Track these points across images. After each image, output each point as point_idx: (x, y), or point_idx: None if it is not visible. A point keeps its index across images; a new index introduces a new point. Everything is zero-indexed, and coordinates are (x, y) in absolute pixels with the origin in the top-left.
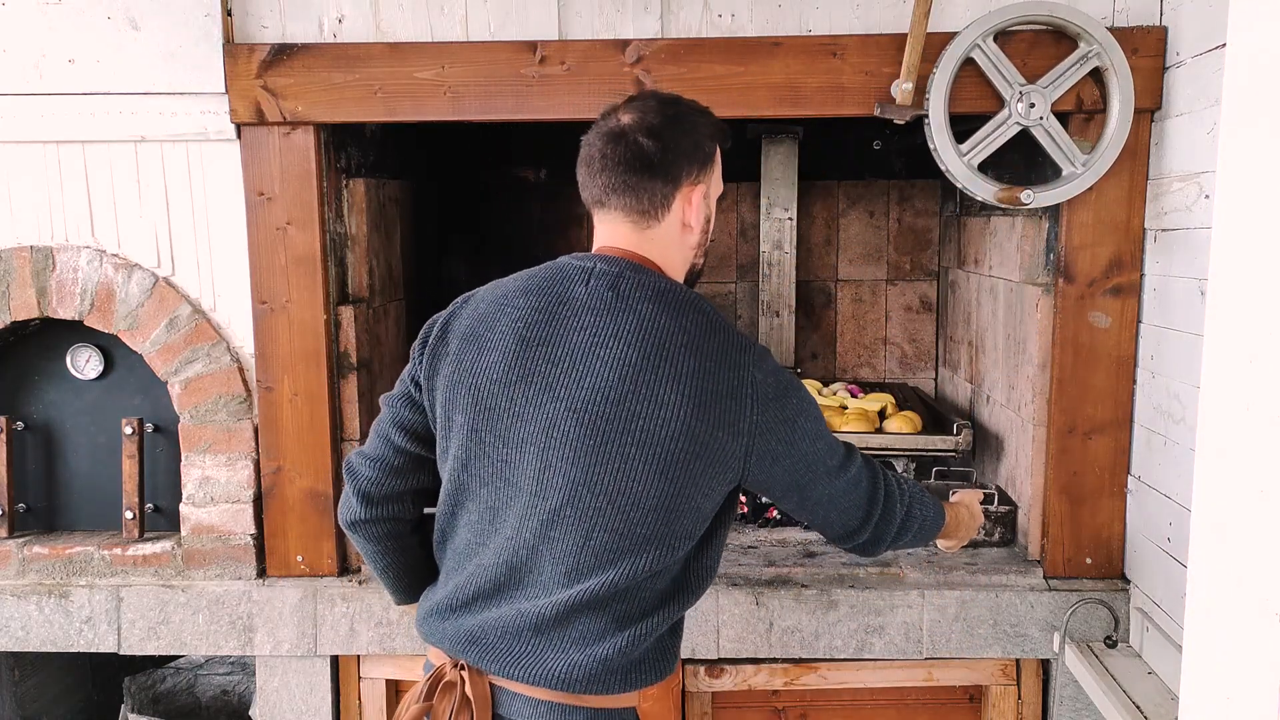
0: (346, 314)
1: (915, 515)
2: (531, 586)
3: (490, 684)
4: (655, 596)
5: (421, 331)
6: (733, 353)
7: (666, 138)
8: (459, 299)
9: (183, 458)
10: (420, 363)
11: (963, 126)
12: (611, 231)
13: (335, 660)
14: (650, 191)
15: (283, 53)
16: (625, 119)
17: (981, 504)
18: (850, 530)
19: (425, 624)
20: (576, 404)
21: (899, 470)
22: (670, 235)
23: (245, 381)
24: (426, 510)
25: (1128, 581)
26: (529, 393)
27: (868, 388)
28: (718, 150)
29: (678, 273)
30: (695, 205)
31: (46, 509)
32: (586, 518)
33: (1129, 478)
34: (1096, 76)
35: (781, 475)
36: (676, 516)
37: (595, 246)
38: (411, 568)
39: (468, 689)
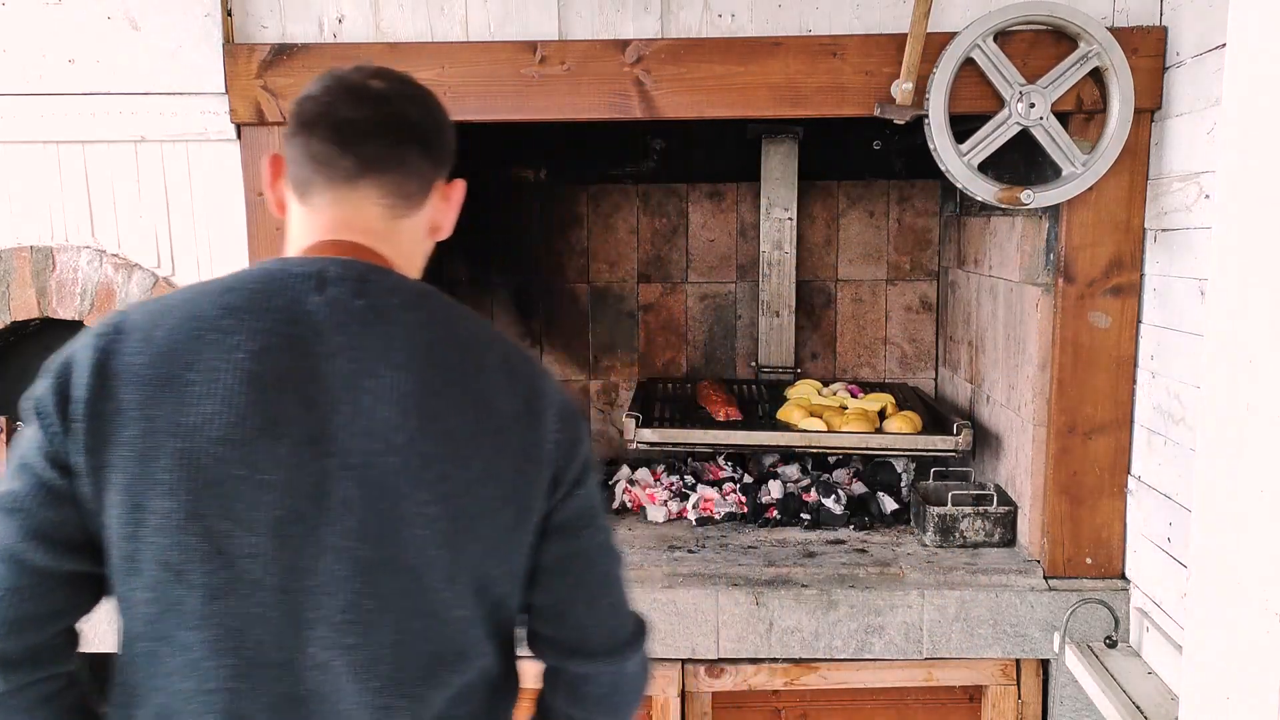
0: None
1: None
2: (338, 712)
3: None
4: (502, 685)
5: (47, 383)
6: (520, 365)
7: (437, 115)
8: (100, 327)
9: None
10: (65, 433)
11: (963, 126)
12: (349, 219)
13: None
14: (420, 173)
15: (283, 53)
16: (378, 84)
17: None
18: (616, 645)
19: None
20: (352, 458)
21: (898, 470)
22: (417, 234)
23: None
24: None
25: (1128, 581)
26: (279, 451)
27: (868, 388)
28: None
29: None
30: (452, 204)
31: None
32: (393, 609)
33: (1129, 478)
34: (1096, 76)
35: (571, 514)
36: (501, 582)
37: (306, 242)
38: None
39: None
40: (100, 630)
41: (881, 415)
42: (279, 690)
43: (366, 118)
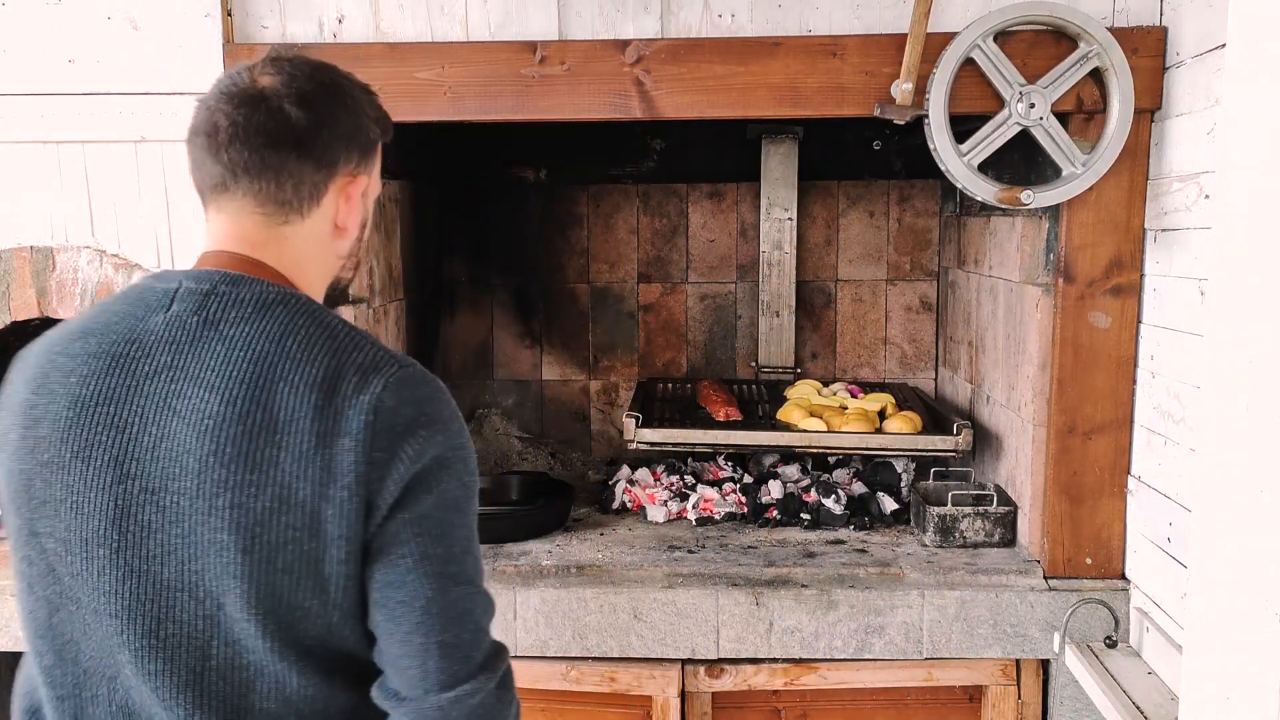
0: (346, 314)
1: None
2: None
3: None
4: (342, 710)
5: None
6: (354, 376)
7: (322, 109)
8: (17, 358)
9: None
10: None
11: (963, 127)
12: (229, 228)
13: None
14: (297, 176)
15: None
16: (265, 80)
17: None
18: (441, 679)
19: None
20: (154, 482)
21: (898, 470)
22: (314, 237)
23: None
24: None
25: (1128, 581)
26: (89, 475)
27: (868, 388)
28: (379, 141)
29: (317, 286)
30: (354, 201)
31: None
32: (201, 634)
33: (1129, 478)
34: (1096, 76)
35: (393, 545)
36: (313, 615)
37: (203, 253)
38: None
39: None
40: None
41: (881, 415)
42: (116, 701)
43: (235, 122)
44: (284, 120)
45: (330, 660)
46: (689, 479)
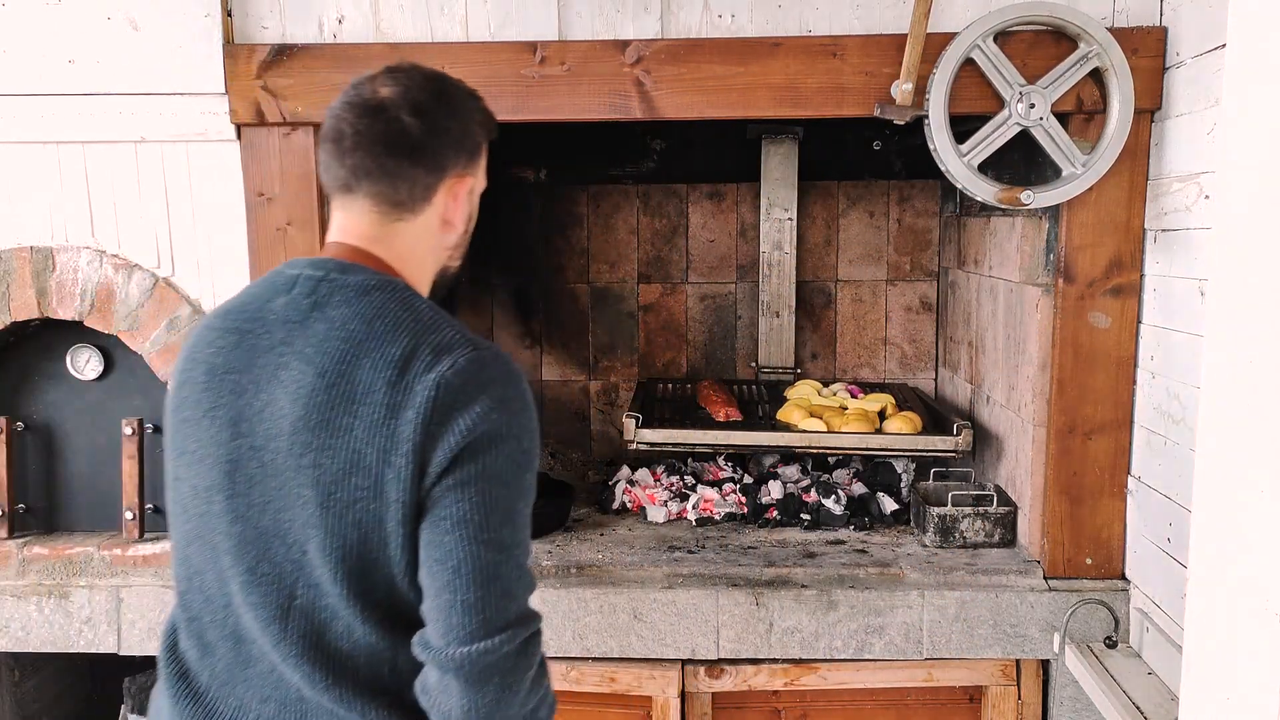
0: None
1: (545, 697)
2: (264, 664)
3: None
4: (409, 663)
5: None
6: (428, 356)
7: (434, 118)
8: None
9: None
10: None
11: (963, 127)
12: (351, 223)
13: None
14: (410, 180)
15: (283, 53)
16: (385, 91)
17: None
18: (463, 633)
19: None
20: (258, 440)
21: (898, 470)
22: (424, 232)
23: None
24: None
25: (1128, 582)
26: (214, 432)
27: (868, 388)
28: (485, 142)
29: (424, 275)
30: (460, 199)
31: (46, 509)
32: (288, 575)
33: (1129, 478)
34: (1096, 77)
35: (444, 508)
36: (379, 567)
37: (326, 243)
38: None
39: None
40: (100, 631)
41: (881, 416)
42: (229, 626)
43: (358, 131)
44: (400, 129)
45: (394, 613)
46: (689, 479)
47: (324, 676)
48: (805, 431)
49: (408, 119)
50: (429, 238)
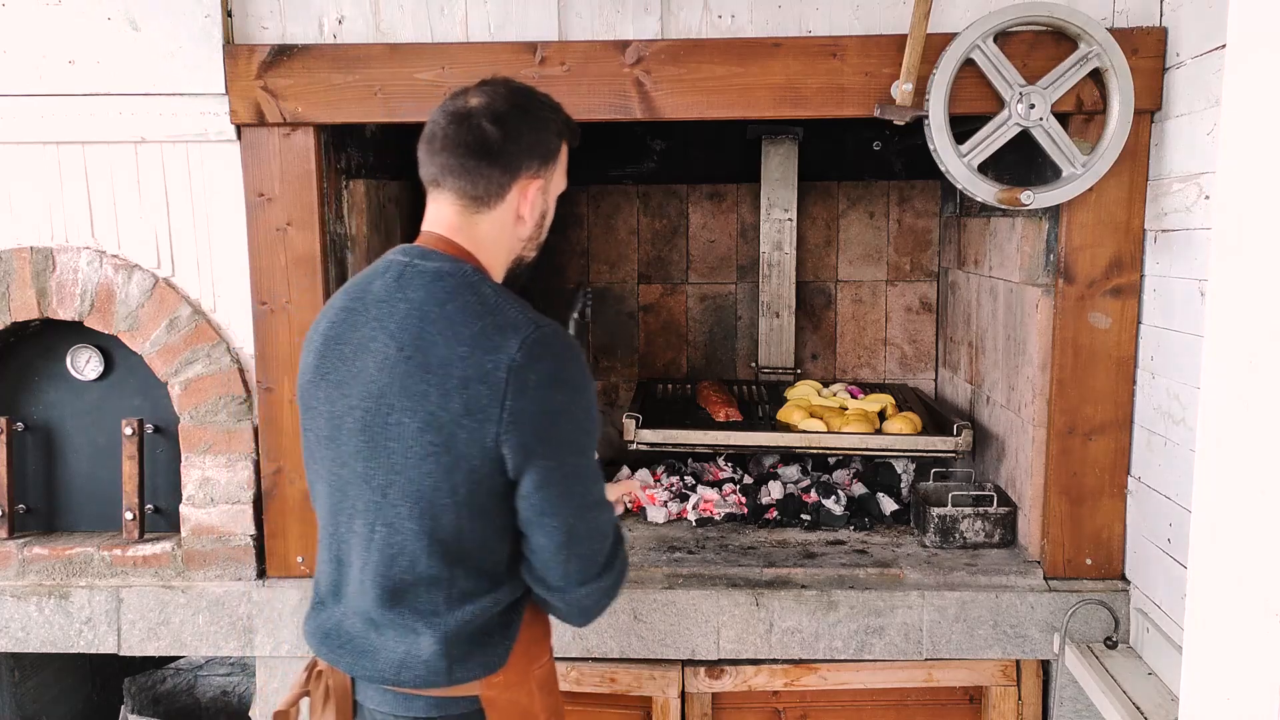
0: None
1: (616, 591)
2: (353, 585)
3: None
4: (461, 592)
5: None
6: (494, 334)
7: (511, 126)
8: None
9: (183, 459)
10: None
11: (963, 127)
12: (439, 213)
13: None
14: (486, 178)
15: (283, 54)
16: (474, 101)
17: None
18: (579, 578)
19: (304, 622)
20: (354, 400)
21: (898, 471)
22: (500, 224)
23: (245, 382)
24: None
25: (1128, 582)
26: (326, 391)
27: (868, 389)
28: (564, 148)
29: (499, 262)
30: (530, 198)
31: (47, 510)
32: (370, 513)
33: (1129, 478)
34: (1096, 77)
35: (534, 478)
36: (447, 510)
37: (420, 231)
38: None
39: (329, 680)
40: (100, 631)
41: (881, 416)
42: (333, 551)
43: (447, 135)
44: (480, 135)
45: (457, 552)
46: (689, 480)
47: (388, 600)
48: (805, 432)
49: (488, 126)
50: (504, 229)
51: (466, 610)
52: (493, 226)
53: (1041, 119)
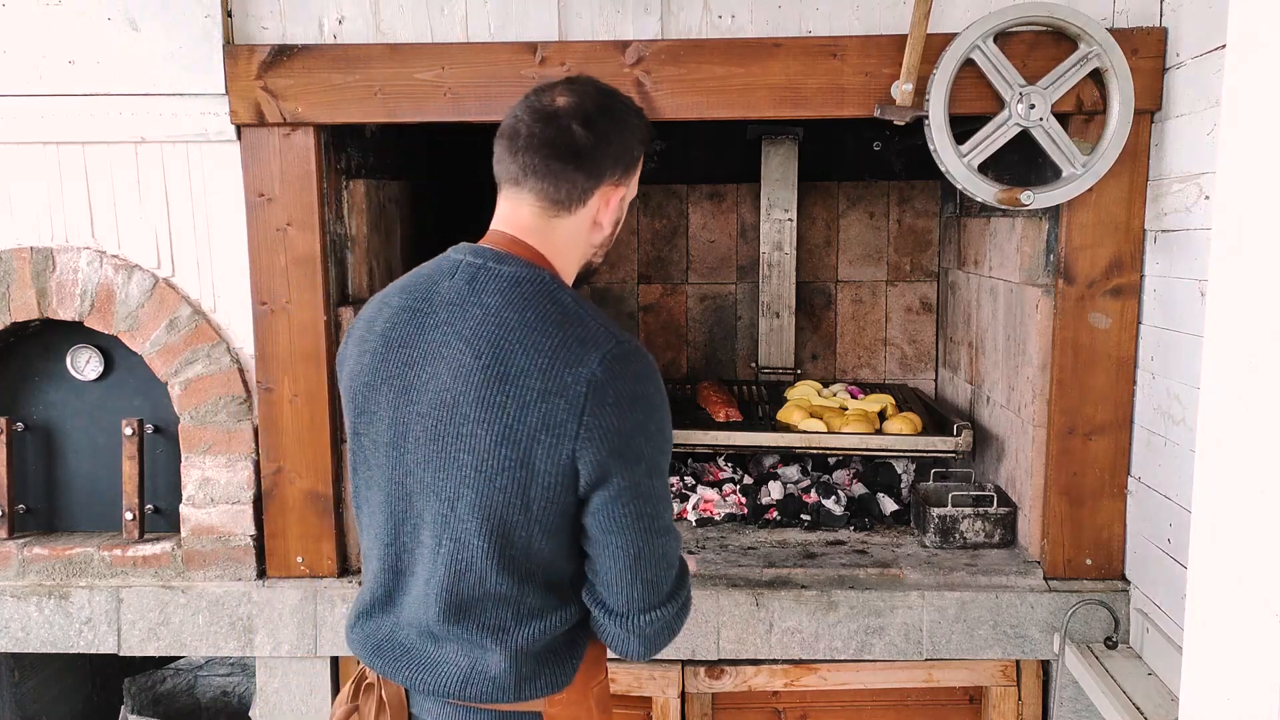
0: (347, 315)
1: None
2: (412, 595)
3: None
4: (529, 609)
5: None
6: (575, 347)
7: (600, 130)
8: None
9: (183, 459)
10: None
11: (963, 128)
12: (514, 213)
13: (335, 661)
14: (571, 182)
15: (283, 54)
16: (561, 101)
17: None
18: (641, 605)
19: (348, 630)
20: (423, 408)
21: (898, 471)
22: (577, 230)
23: (245, 382)
24: None
25: (1128, 582)
26: (389, 396)
27: (868, 389)
28: (642, 155)
29: (571, 266)
30: (612, 206)
31: (46, 510)
32: (437, 525)
33: (1129, 479)
34: (1096, 77)
35: (605, 495)
36: (518, 527)
37: (490, 229)
38: None
39: (382, 692)
40: (100, 631)
41: (881, 416)
42: (389, 560)
43: (533, 133)
44: (569, 137)
45: (526, 569)
46: (689, 480)
47: (453, 615)
48: (805, 432)
49: (577, 128)
50: (580, 234)
51: (535, 628)
52: (570, 231)
53: (1041, 119)
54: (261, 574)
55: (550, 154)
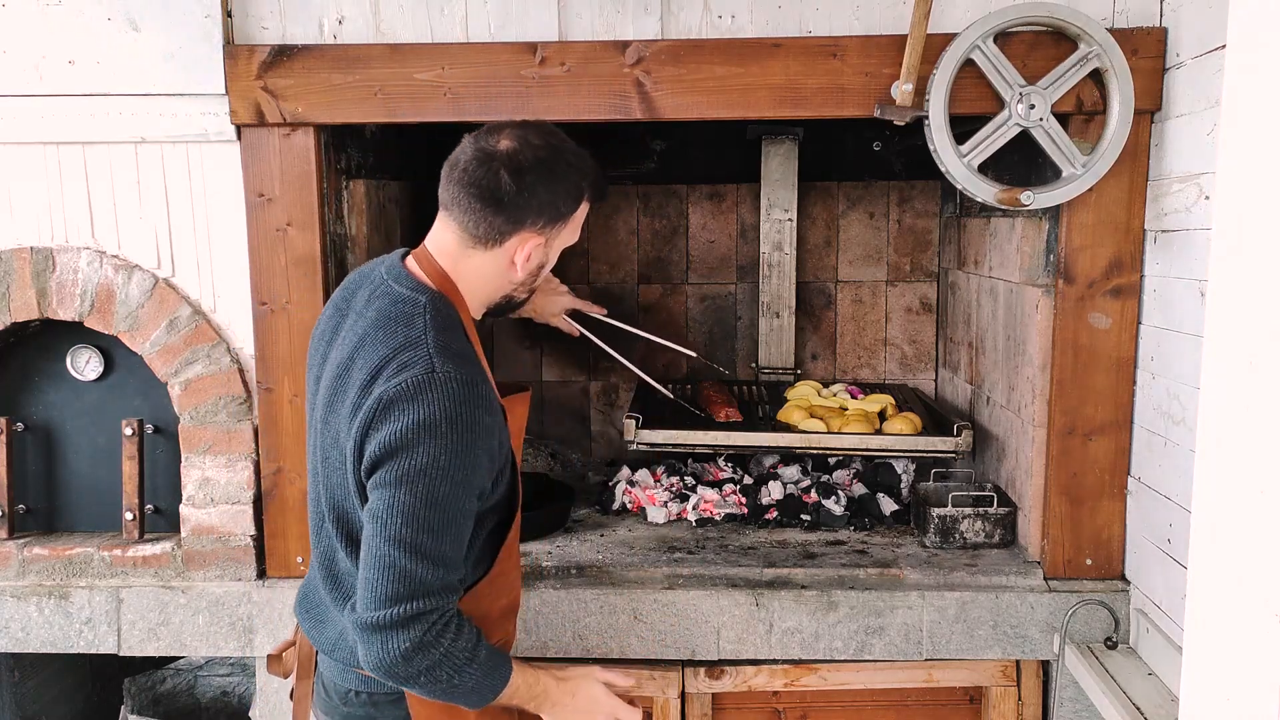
0: None
1: (448, 679)
2: (314, 557)
3: None
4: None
5: None
6: (392, 366)
7: (527, 181)
8: None
9: (183, 459)
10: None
11: (963, 128)
12: (440, 234)
13: None
14: (489, 223)
15: (283, 54)
16: (503, 145)
17: (976, 506)
18: (370, 604)
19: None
20: (318, 400)
21: (898, 471)
22: (493, 265)
23: (245, 382)
24: None
25: (1128, 582)
26: (310, 384)
27: (868, 389)
28: (583, 207)
29: (480, 296)
30: (527, 251)
31: (47, 510)
32: (314, 500)
33: (1129, 479)
34: (1096, 78)
35: (372, 502)
36: (351, 511)
37: (423, 241)
38: None
39: (299, 637)
40: (100, 631)
41: (881, 416)
42: (311, 536)
43: (466, 169)
44: (495, 182)
45: (354, 535)
46: (689, 480)
47: (329, 582)
48: (805, 432)
49: (505, 175)
50: (494, 270)
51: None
52: (483, 265)
53: (1041, 119)
54: (261, 574)
55: (475, 193)
